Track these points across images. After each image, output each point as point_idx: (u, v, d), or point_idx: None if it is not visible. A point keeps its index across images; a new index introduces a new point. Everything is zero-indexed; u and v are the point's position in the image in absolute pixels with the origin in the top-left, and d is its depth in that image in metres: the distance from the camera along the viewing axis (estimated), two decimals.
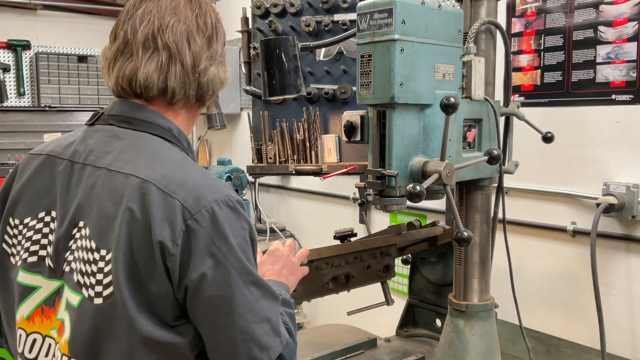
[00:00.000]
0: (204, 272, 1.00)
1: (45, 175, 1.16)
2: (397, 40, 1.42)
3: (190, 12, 1.17)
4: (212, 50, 1.22)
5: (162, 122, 1.15)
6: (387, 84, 1.43)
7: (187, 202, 1.01)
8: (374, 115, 1.51)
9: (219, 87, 1.24)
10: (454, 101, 1.34)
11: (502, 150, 1.81)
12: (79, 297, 1.05)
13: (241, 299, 1.03)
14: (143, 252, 1.00)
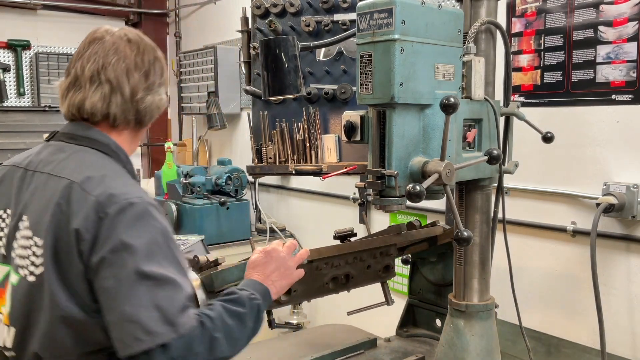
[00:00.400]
0: (103, 256, 1.22)
1: (7, 182, 1.43)
2: (397, 40, 1.42)
3: (130, 51, 1.43)
4: (149, 82, 1.45)
5: (102, 139, 1.40)
6: (387, 84, 1.43)
7: (100, 198, 1.25)
8: (373, 115, 1.51)
9: (157, 112, 1.51)
10: (453, 101, 1.34)
11: (502, 150, 1.81)
12: (18, 277, 1.32)
13: (132, 287, 1.20)
14: (65, 239, 1.24)
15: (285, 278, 1.58)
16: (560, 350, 2.41)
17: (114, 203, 1.24)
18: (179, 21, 5.48)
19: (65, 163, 1.34)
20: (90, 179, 1.28)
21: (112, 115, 1.40)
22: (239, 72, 4.45)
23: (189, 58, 4.84)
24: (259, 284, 1.49)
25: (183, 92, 4.99)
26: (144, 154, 5.71)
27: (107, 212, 1.23)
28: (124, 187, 1.30)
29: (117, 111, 1.40)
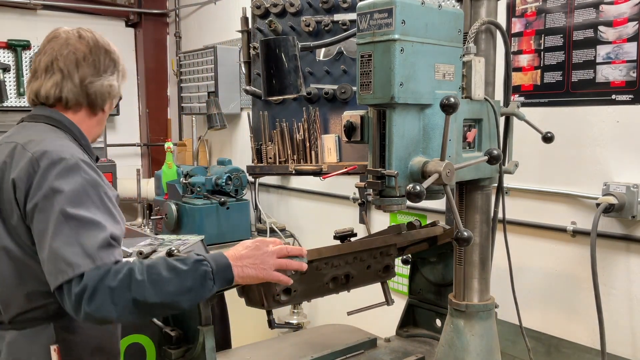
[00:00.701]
0: (36, 203, 1.42)
1: None
2: (397, 40, 1.42)
3: (80, 45, 1.66)
4: (97, 70, 1.66)
5: (56, 116, 1.64)
6: (387, 84, 1.43)
7: (36, 153, 1.47)
8: (373, 115, 1.51)
9: (108, 96, 1.70)
10: (453, 101, 1.34)
11: (502, 150, 1.81)
12: None
13: (59, 227, 1.39)
14: (6, 189, 1.48)
15: (256, 270, 1.55)
16: (560, 350, 2.41)
17: (47, 158, 1.45)
18: (179, 21, 5.48)
19: (19, 133, 1.59)
20: (32, 141, 1.51)
21: (64, 98, 1.64)
22: (239, 72, 4.45)
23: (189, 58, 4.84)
24: (224, 258, 1.51)
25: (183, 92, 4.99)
26: (144, 154, 5.71)
27: (40, 165, 1.44)
28: (60, 147, 1.50)
29: (69, 95, 1.63)
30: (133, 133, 5.72)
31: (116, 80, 1.72)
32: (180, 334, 1.78)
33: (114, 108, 1.79)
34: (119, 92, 1.74)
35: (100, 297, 1.34)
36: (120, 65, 1.75)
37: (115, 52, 1.74)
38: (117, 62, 1.74)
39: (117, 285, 1.35)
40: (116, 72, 1.72)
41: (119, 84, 1.74)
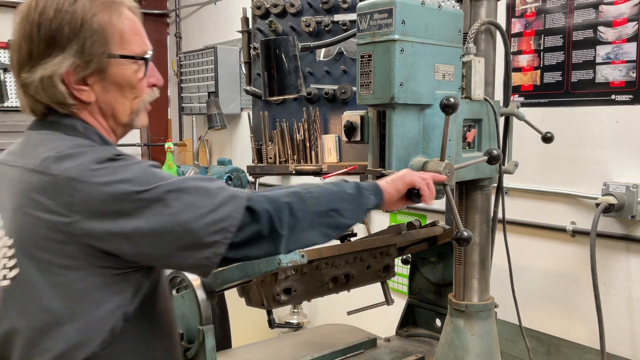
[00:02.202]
0: (140, 225, 1.08)
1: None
2: (397, 41, 1.42)
3: None
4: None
5: (66, 121, 1.22)
6: (387, 84, 1.43)
7: (69, 172, 1.09)
8: (373, 115, 1.51)
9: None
10: (453, 101, 1.34)
11: (502, 150, 1.81)
12: None
13: (167, 206, 1.12)
14: (38, 231, 1.10)
15: (400, 179, 1.38)
16: (560, 350, 2.42)
17: (79, 176, 1.09)
18: (179, 21, 5.49)
19: (24, 151, 1.23)
20: (46, 159, 1.14)
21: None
22: (239, 72, 4.46)
23: (189, 58, 4.84)
24: (373, 183, 1.35)
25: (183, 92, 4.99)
26: (144, 154, 5.71)
27: (77, 188, 1.09)
28: (73, 153, 1.14)
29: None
30: (133, 133, 5.72)
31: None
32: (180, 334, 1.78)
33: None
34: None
35: (286, 216, 1.15)
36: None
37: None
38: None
39: (289, 199, 1.16)
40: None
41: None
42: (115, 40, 1.20)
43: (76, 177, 1.08)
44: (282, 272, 1.79)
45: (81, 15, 1.16)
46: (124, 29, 1.21)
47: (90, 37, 1.16)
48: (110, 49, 1.19)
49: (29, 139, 1.24)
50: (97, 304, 1.13)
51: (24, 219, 1.12)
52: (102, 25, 1.18)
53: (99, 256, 1.11)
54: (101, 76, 1.20)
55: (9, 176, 1.20)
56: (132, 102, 1.26)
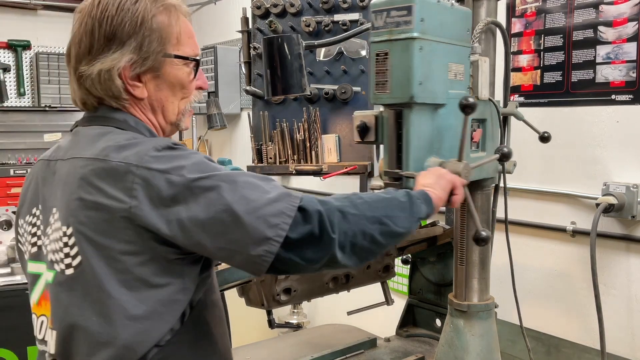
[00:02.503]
0: (196, 214, 1.08)
1: (37, 177, 1.32)
2: (416, 39, 1.38)
3: None
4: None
5: (118, 116, 1.26)
6: (406, 83, 1.39)
7: (129, 159, 1.11)
8: (390, 116, 1.47)
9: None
10: (472, 101, 1.32)
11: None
12: (53, 273, 1.19)
13: (231, 196, 1.12)
14: (100, 217, 1.11)
15: (441, 180, 1.38)
16: (560, 350, 2.42)
17: (144, 154, 1.12)
18: None
19: (81, 144, 1.23)
20: (104, 149, 1.16)
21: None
22: (239, 72, 4.46)
23: None
24: (421, 192, 1.33)
25: None
26: None
27: (136, 174, 1.10)
28: (139, 142, 1.16)
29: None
30: None
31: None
32: None
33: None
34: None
35: (337, 219, 1.13)
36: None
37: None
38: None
39: (340, 204, 1.15)
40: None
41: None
42: (172, 41, 1.25)
43: (135, 163, 1.10)
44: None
45: (142, 14, 1.21)
46: (180, 31, 1.27)
47: (149, 36, 1.22)
48: (166, 49, 1.24)
49: (82, 133, 1.26)
50: (159, 289, 1.13)
51: (82, 204, 1.13)
52: (160, 25, 1.23)
53: (157, 242, 1.11)
54: (155, 74, 1.25)
55: (63, 171, 1.22)
56: (180, 102, 1.31)
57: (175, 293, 1.15)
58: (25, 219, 1.33)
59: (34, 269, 1.29)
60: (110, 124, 1.24)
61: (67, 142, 1.30)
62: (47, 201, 1.25)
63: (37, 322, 1.28)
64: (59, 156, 1.27)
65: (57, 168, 1.25)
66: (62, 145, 1.30)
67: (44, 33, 5.14)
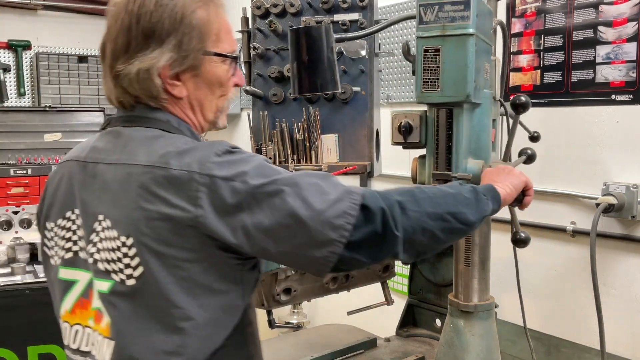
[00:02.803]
0: (247, 215, 1.06)
1: (69, 178, 1.25)
2: (473, 35, 1.33)
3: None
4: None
5: (160, 116, 1.21)
6: (461, 81, 1.35)
7: (192, 166, 1.07)
8: (441, 115, 1.42)
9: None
10: (525, 100, 1.30)
11: (504, 150, 1.81)
12: (110, 283, 1.13)
13: (292, 202, 1.09)
14: (163, 227, 1.07)
15: (517, 178, 1.38)
16: (560, 350, 2.41)
17: (206, 162, 1.08)
18: None
19: (130, 148, 1.17)
20: (164, 155, 1.11)
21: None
22: None
23: None
24: (488, 187, 1.30)
25: None
26: None
27: (200, 182, 1.06)
28: (197, 147, 1.13)
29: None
30: None
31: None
32: None
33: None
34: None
35: (399, 215, 1.10)
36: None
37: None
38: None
39: (401, 198, 1.12)
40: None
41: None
42: (212, 38, 1.21)
43: (198, 171, 1.07)
44: (282, 272, 1.79)
45: (181, 10, 1.16)
46: (220, 27, 1.24)
47: (189, 33, 1.16)
48: (206, 46, 1.19)
49: (127, 136, 1.19)
50: (221, 295, 1.12)
51: (143, 214, 1.08)
52: (200, 21, 1.18)
53: (220, 249, 1.09)
54: (194, 72, 1.19)
55: (109, 176, 1.15)
56: (218, 100, 1.26)
57: (235, 299, 1.15)
58: (56, 222, 1.26)
59: (67, 275, 1.24)
60: (155, 126, 1.19)
61: (105, 143, 1.22)
62: (88, 206, 1.18)
63: (71, 330, 1.23)
64: (98, 159, 1.20)
65: (98, 172, 1.18)
66: (99, 147, 1.22)
67: (44, 33, 5.14)
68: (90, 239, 1.17)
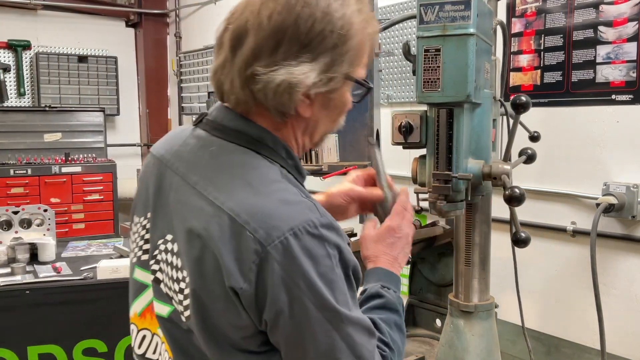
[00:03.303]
0: (280, 309, 0.92)
1: (156, 177, 1.13)
2: (473, 35, 1.32)
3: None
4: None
5: (253, 132, 1.04)
6: (462, 81, 1.34)
7: (258, 233, 0.91)
8: (442, 115, 1.42)
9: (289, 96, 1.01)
10: (525, 100, 1.29)
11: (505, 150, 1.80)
12: (170, 308, 1.05)
13: (321, 337, 0.94)
14: (214, 287, 0.94)
15: (407, 254, 1.31)
16: (560, 350, 2.42)
17: (277, 238, 0.92)
18: (179, 21, 5.49)
19: (212, 174, 1.02)
20: (241, 203, 0.95)
21: (225, 92, 1.08)
22: None
23: (189, 58, 4.84)
24: (393, 275, 1.23)
25: (183, 92, 5.00)
26: (144, 154, 5.71)
27: (270, 253, 0.91)
28: (283, 209, 0.95)
29: (230, 89, 1.06)
30: (133, 133, 5.72)
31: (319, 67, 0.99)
32: None
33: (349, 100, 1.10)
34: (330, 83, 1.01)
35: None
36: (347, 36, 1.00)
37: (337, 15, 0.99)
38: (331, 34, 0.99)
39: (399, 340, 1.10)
40: (326, 53, 0.99)
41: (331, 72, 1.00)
42: (360, 63, 1.06)
43: (279, 259, 0.91)
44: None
45: (347, 27, 1.00)
46: (368, 52, 1.08)
47: (345, 55, 1.00)
48: (353, 72, 1.04)
49: (213, 152, 1.04)
50: (260, 355, 1.00)
51: (200, 267, 0.95)
52: (358, 44, 1.03)
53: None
54: (329, 95, 1.03)
55: (180, 197, 1.03)
56: (332, 123, 1.12)
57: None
58: (139, 219, 1.16)
59: (140, 276, 1.15)
60: (248, 145, 1.03)
61: (189, 152, 1.08)
62: (157, 217, 1.08)
63: (138, 335, 1.15)
64: (174, 166, 1.07)
65: (174, 185, 1.06)
66: (183, 155, 1.08)
67: (44, 33, 5.14)
68: (153, 254, 1.07)
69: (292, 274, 0.91)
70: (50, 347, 2.38)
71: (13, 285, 2.34)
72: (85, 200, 4.76)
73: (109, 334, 2.37)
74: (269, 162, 1.03)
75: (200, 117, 1.11)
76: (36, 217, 2.82)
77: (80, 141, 5.02)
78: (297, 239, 0.92)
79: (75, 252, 2.89)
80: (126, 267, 2.45)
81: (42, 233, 2.81)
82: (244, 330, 0.96)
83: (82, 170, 4.76)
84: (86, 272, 2.42)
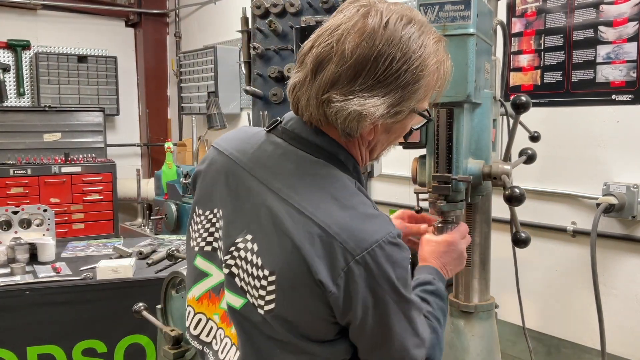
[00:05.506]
0: (366, 311, 1.04)
1: (226, 176, 1.20)
2: (473, 35, 1.33)
3: (357, 32, 1.08)
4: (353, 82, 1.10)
5: (330, 147, 1.12)
6: (462, 81, 1.33)
7: (348, 244, 1.02)
8: (442, 115, 1.41)
9: (357, 124, 1.07)
10: (525, 100, 1.29)
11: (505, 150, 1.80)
12: (243, 301, 1.13)
13: (399, 325, 1.09)
14: (303, 288, 1.04)
15: (459, 266, 1.42)
16: (560, 350, 2.41)
17: (365, 249, 1.02)
18: (179, 21, 5.49)
19: (296, 183, 1.09)
20: (331, 216, 1.04)
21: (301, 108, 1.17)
22: (239, 72, 4.45)
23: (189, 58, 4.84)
24: (440, 274, 1.35)
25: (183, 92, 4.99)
26: (143, 154, 5.71)
27: (359, 262, 1.02)
28: (367, 223, 1.06)
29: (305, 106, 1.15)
30: (133, 133, 5.72)
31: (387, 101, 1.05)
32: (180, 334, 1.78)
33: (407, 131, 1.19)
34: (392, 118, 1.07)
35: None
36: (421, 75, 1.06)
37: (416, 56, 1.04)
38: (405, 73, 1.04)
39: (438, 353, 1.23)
40: (396, 90, 1.05)
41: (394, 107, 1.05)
42: (425, 99, 1.11)
43: (366, 275, 1.03)
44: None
45: (421, 70, 1.05)
46: (435, 87, 1.13)
47: (414, 93, 1.05)
48: (419, 106, 1.10)
49: (295, 161, 1.12)
50: (335, 342, 1.11)
51: (289, 266, 1.04)
52: (428, 84, 1.08)
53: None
54: (393, 125, 1.11)
55: (258, 200, 1.11)
56: (389, 144, 1.21)
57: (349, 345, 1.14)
58: (205, 212, 1.23)
59: (202, 265, 1.24)
60: (326, 159, 1.11)
61: (268, 158, 1.14)
62: (236, 217, 1.14)
63: (194, 317, 1.26)
64: (252, 170, 1.14)
65: (253, 189, 1.12)
66: (258, 157, 1.16)
67: (44, 33, 5.14)
68: (229, 250, 1.13)
69: (377, 278, 1.04)
70: (49, 347, 2.38)
71: (12, 286, 2.34)
72: (85, 200, 4.76)
73: (109, 334, 2.37)
74: (346, 175, 1.12)
75: (274, 124, 1.19)
76: (36, 217, 2.82)
77: (80, 141, 5.02)
78: (382, 249, 1.04)
79: (75, 252, 2.89)
80: (126, 268, 2.45)
81: (41, 233, 2.80)
82: (320, 322, 1.06)
83: (82, 170, 4.76)
84: (86, 272, 2.42)
